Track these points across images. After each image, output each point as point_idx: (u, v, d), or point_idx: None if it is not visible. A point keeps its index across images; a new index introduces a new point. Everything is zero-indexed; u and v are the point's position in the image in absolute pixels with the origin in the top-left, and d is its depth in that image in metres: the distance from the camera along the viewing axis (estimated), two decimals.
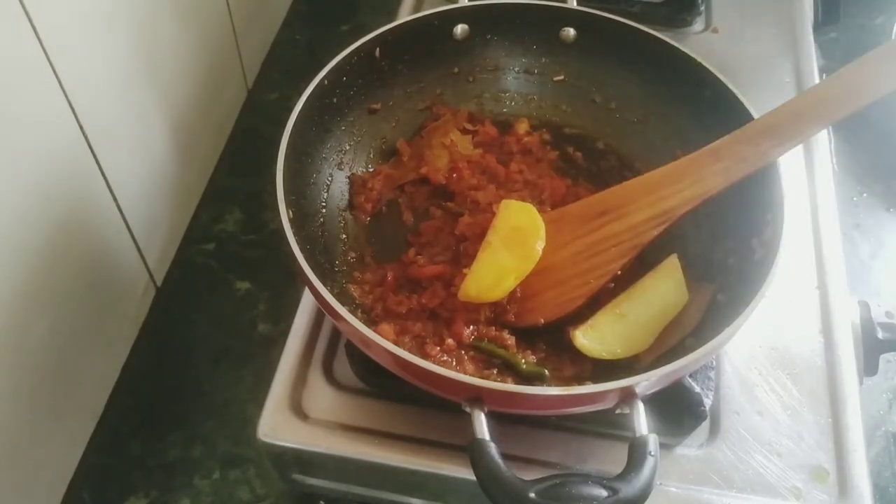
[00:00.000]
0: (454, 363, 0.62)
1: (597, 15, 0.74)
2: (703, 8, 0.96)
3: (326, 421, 0.64)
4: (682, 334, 0.63)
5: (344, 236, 0.71)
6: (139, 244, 0.82)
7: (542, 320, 0.64)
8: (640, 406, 0.53)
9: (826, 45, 1.02)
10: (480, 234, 0.66)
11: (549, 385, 0.61)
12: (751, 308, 0.54)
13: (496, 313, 0.65)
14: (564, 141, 0.78)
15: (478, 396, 0.53)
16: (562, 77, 0.78)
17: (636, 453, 0.51)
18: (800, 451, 0.63)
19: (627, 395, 0.53)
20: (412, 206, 0.74)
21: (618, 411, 0.54)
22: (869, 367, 0.69)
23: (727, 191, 0.63)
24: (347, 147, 0.74)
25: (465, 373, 0.60)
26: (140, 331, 0.85)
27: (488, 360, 0.62)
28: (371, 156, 0.76)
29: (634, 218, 0.65)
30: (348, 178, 0.73)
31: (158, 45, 0.80)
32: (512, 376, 0.61)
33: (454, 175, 0.74)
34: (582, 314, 0.64)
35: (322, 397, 0.65)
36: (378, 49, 0.72)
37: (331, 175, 0.72)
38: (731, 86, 0.66)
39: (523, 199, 0.69)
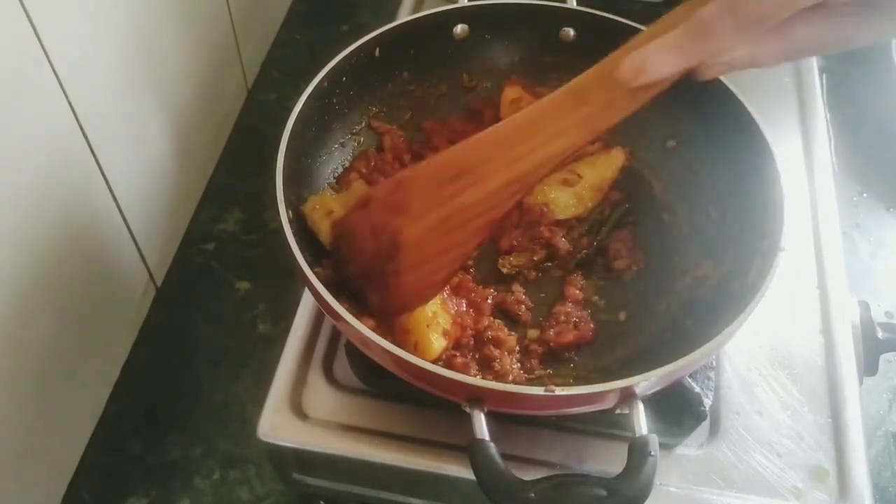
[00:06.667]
0: None
1: (597, 15, 0.74)
2: None
3: (326, 421, 0.64)
4: None
5: None
6: (139, 244, 0.82)
7: (408, 308, 0.59)
8: (640, 406, 0.53)
9: None
10: None
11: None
12: (751, 308, 0.54)
13: None
14: None
15: (478, 396, 0.53)
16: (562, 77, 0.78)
17: (636, 453, 0.51)
18: (800, 450, 0.63)
19: (627, 395, 0.53)
20: None
21: (618, 411, 0.54)
22: (869, 367, 0.69)
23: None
24: (347, 147, 0.74)
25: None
26: (140, 331, 0.85)
27: None
28: (371, 156, 0.75)
29: (489, 184, 0.54)
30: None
31: (158, 45, 0.79)
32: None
33: None
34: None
35: (322, 397, 0.65)
36: (378, 49, 0.71)
37: (331, 175, 0.72)
38: (730, 86, 0.66)
39: None
